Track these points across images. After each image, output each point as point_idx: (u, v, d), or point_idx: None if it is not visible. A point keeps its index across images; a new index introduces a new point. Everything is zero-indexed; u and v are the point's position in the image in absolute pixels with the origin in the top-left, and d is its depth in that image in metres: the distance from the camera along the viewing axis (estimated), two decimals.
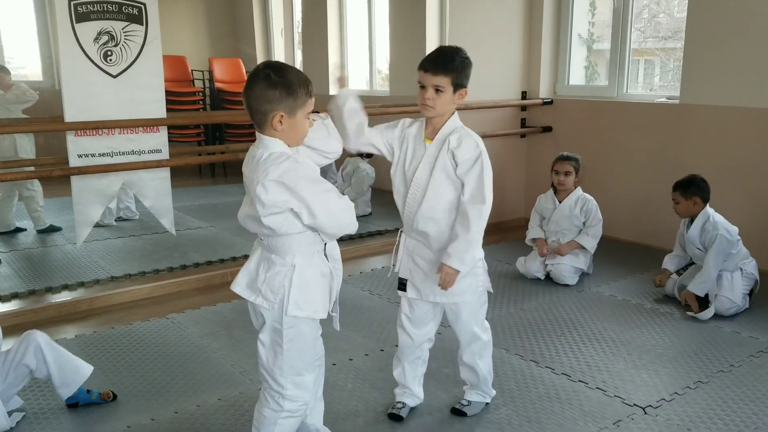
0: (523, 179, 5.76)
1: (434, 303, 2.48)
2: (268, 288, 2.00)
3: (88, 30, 3.67)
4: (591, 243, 4.23)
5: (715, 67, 4.37)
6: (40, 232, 5.40)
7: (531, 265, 4.26)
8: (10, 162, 3.84)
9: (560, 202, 4.32)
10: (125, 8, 3.76)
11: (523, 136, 5.67)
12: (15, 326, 3.56)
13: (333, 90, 5.38)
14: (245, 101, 1.94)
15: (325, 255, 2.11)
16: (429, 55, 2.33)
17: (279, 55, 9.09)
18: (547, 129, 5.53)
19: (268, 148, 1.93)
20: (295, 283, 1.99)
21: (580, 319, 3.61)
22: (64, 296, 3.96)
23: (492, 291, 2.58)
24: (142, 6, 3.81)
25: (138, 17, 3.81)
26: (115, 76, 3.78)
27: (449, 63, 2.28)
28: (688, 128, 4.59)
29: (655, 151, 4.81)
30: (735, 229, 3.69)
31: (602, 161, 5.11)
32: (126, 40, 3.79)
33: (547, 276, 4.24)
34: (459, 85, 2.29)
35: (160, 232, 5.16)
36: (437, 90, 2.28)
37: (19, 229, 5.49)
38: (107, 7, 3.70)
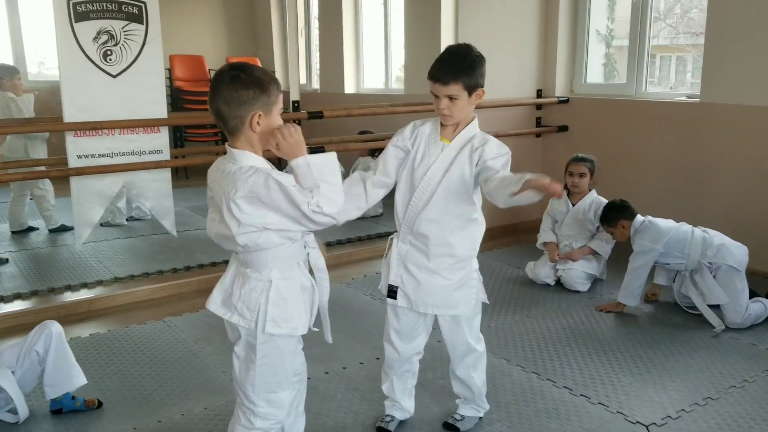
0: None
1: (423, 314, 2.36)
2: (244, 305, 1.89)
3: (88, 29, 3.63)
4: (605, 248, 4.06)
5: (737, 64, 4.17)
6: (51, 231, 5.41)
7: (541, 270, 4.12)
8: (9, 162, 3.81)
9: (573, 204, 4.18)
10: (125, 7, 3.71)
11: (538, 135, 5.52)
12: (13, 327, 3.55)
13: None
14: (214, 108, 1.83)
15: (309, 266, 2.02)
16: (437, 60, 2.20)
17: (300, 54, 9.02)
18: (563, 128, 5.36)
19: (237, 161, 1.83)
20: (272, 300, 1.88)
21: (588, 328, 3.47)
22: (66, 297, 3.94)
23: (488, 302, 2.45)
24: (143, 5, 3.75)
25: (138, 16, 3.76)
26: (115, 76, 3.74)
27: (459, 69, 2.15)
28: (709, 128, 4.40)
29: (674, 151, 4.62)
30: (662, 230, 3.49)
31: (619, 162, 4.93)
32: (126, 40, 3.74)
33: (558, 282, 4.09)
34: (473, 87, 2.16)
35: (179, 231, 5.12)
36: (451, 98, 2.15)
37: (31, 228, 5.51)
38: (106, 6, 3.66)
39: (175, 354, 3.18)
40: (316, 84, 8.65)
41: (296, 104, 4.32)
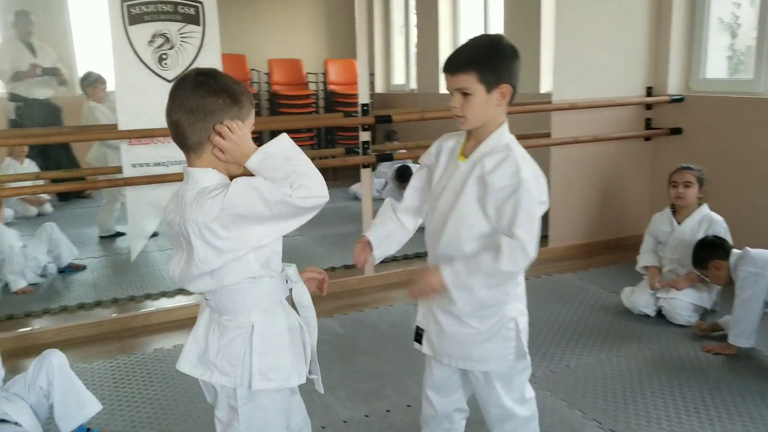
0: (646, 189, 4.94)
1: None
2: (225, 360, 1.58)
3: (142, 32, 3.48)
4: None
5: None
6: None
7: (638, 297, 3.52)
8: (50, 171, 3.75)
9: (679, 223, 3.56)
10: (181, 8, 3.53)
11: (647, 139, 4.85)
12: (67, 341, 3.46)
13: None
14: (172, 120, 1.54)
15: (293, 304, 1.69)
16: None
17: (398, 54, 8.73)
18: (677, 131, 4.67)
19: (198, 182, 1.53)
20: (258, 348, 1.57)
21: (690, 372, 2.87)
22: (126, 310, 3.85)
23: (528, 361, 1.91)
24: (199, 5, 3.56)
25: (195, 17, 3.57)
26: (170, 81, 3.56)
27: (473, 56, 1.74)
28: None
29: None
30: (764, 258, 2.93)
31: (742, 171, 4.19)
32: (182, 42, 3.56)
33: (659, 313, 3.48)
34: (493, 81, 1.73)
35: None
36: (464, 94, 1.74)
37: (119, 234, 5.55)
38: (162, 7, 3.49)
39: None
40: (414, 84, 8.32)
41: (366, 108, 3.98)
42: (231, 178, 1.58)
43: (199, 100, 1.50)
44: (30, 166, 6.15)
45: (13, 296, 4.08)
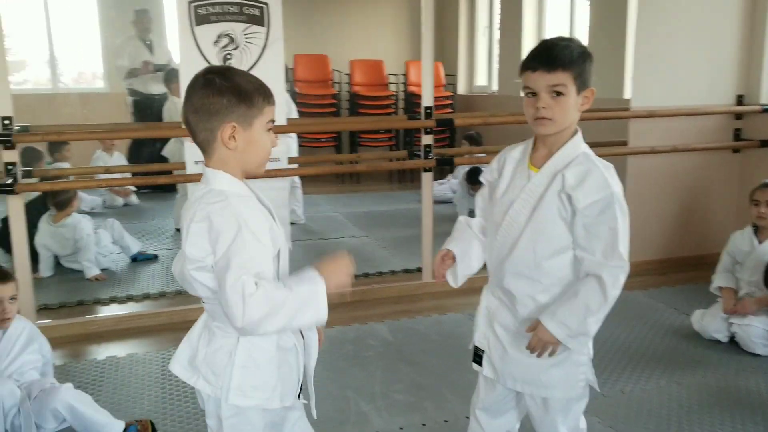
0: (733, 204, 4.60)
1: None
2: (209, 368, 1.55)
3: (208, 33, 3.54)
4: None
5: None
6: None
7: (710, 322, 3.27)
8: (114, 167, 3.88)
9: (760, 243, 3.28)
10: (246, 9, 3.57)
11: (736, 150, 4.52)
12: (126, 330, 3.58)
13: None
14: (184, 118, 1.53)
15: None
16: (533, 51, 1.70)
17: (482, 56, 8.58)
18: None
19: (209, 183, 1.51)
20: (240, 362, 1.52)
21: (757, 407, 2.63)
22: (189, 302, 3.92)
23: (597, 388, 1.84)
24: (264, 6, 3.59)
25: (259, 18, 3.60)
26: None
27: (566, 53, 1.63)
28: None
29: None
30: None
31: None
32: (246, 43, 3.60)
33: (732, 339, 3.22)
34: (583, 83, 1.65)
35: (322, 239, 5.03)
36: (556, 93, 1.63)
37: None
38: (228, 8, 3.55)
39: None
40: (495, 86, 8.15)
41: (429, 111, 3.90)
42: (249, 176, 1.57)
43: (203, 100, 1.48)
44: (119, 159, 6.44)
45: (87, 282, 4.27)
